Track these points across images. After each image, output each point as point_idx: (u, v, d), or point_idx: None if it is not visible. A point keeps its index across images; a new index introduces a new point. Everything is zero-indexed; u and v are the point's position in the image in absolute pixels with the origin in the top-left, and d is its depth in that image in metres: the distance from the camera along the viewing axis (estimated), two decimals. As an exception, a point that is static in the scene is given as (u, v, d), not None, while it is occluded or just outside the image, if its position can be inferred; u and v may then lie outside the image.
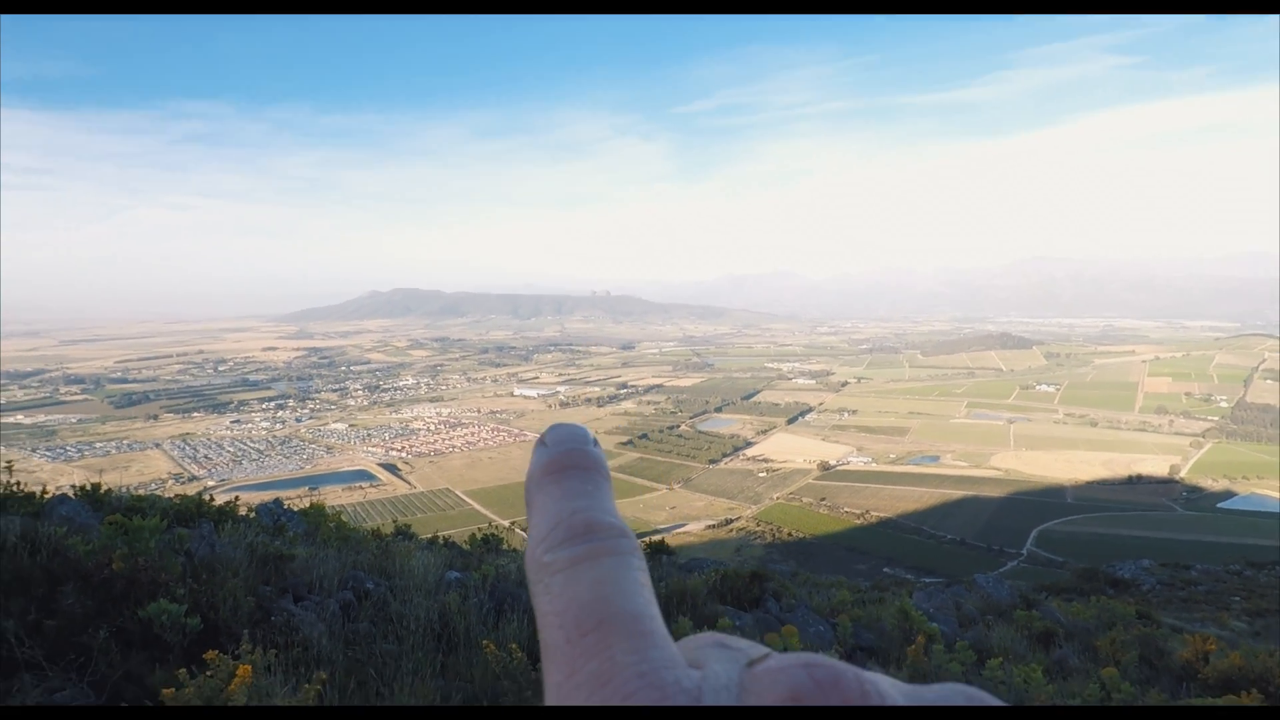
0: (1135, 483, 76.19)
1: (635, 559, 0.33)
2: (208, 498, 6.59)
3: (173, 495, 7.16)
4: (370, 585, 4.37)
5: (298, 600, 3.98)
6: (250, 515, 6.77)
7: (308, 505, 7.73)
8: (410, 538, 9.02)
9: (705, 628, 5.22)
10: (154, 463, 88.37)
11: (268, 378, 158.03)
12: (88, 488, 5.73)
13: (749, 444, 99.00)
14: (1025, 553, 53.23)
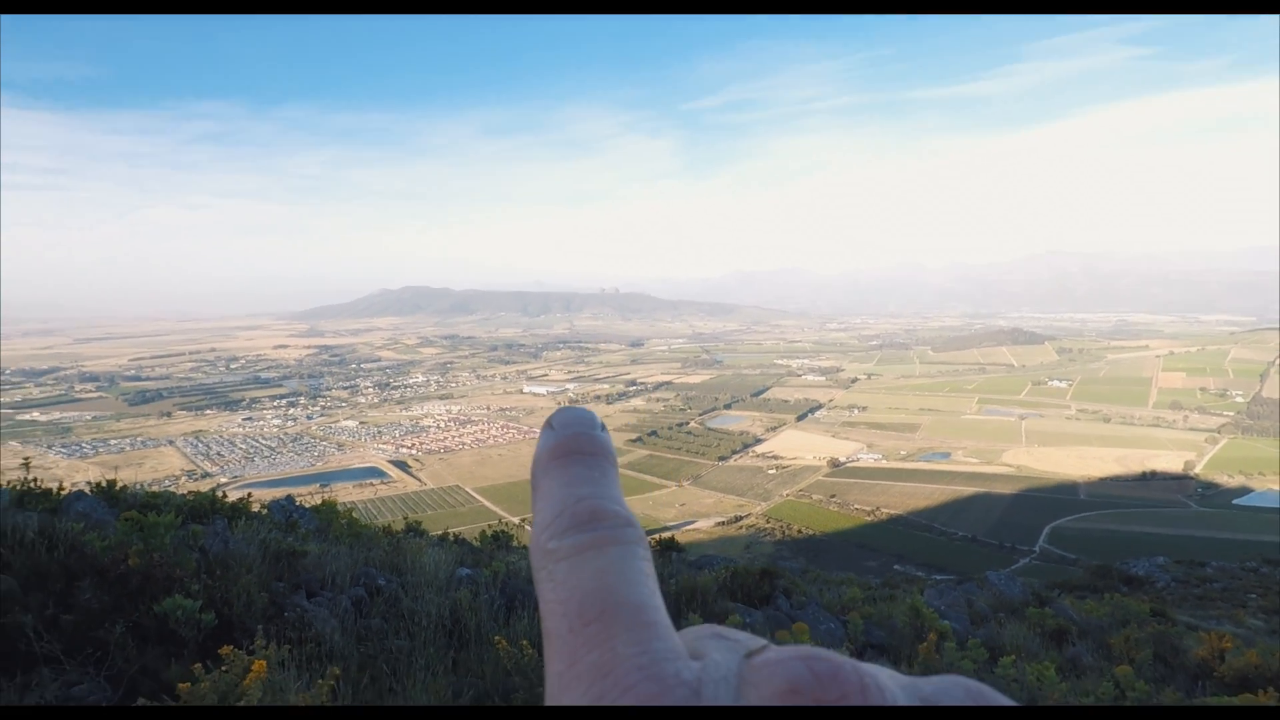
0: (1149, 479, 75.53)
1: (640, 549, 0.32)
2: (221, 494, 6.65)
3: (186, 492, 7.23)
4: (382, 582, 4.40)
5: (310, 596, 4.01)
6: (263, 512, 6.82)
7: (319, 502, 7.77)
8: (421, 534, 9.07)
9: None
10: (167, 459, 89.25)
11: (279, 375, 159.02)
12: (103, 484, 5.79)
13: (758, 441, 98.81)
14: (1037, 550, 52.94)
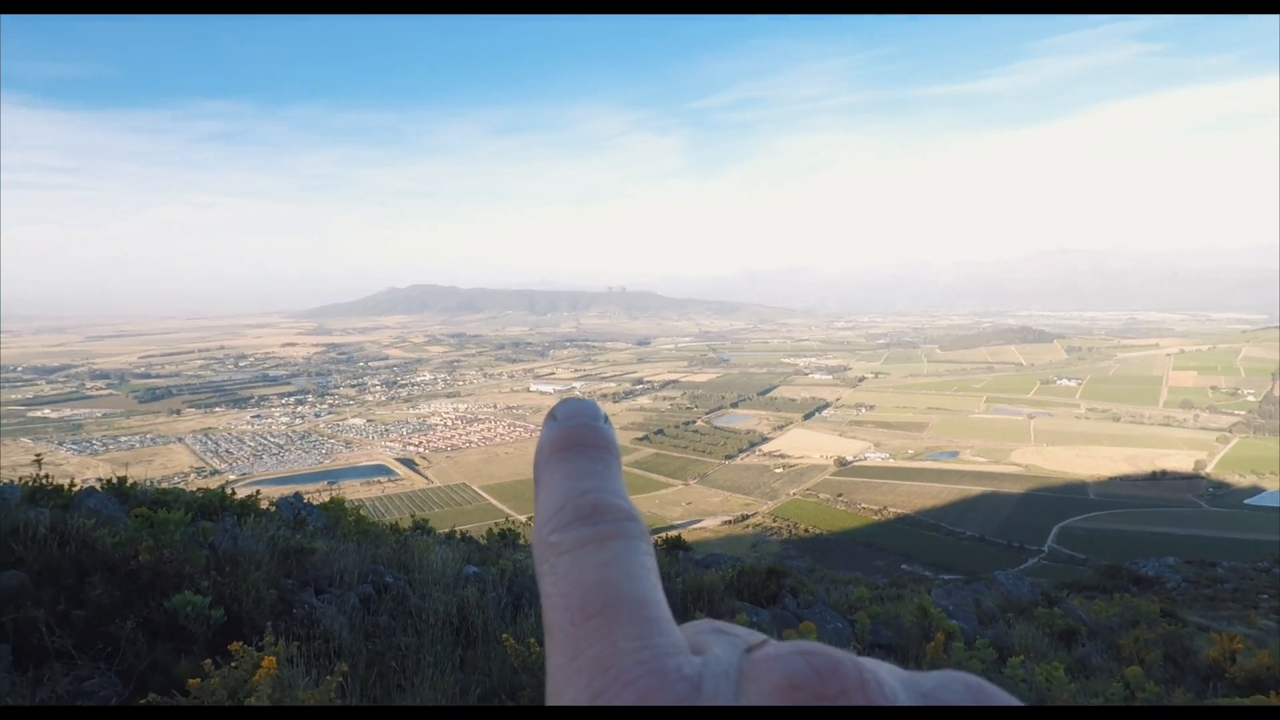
0: (1159, 479, 75.05)
1: (643, 543, 0.32)
2: (230, 491, 6.69)
3: (196, 489, 7.27)
4: (389, 579, 4.41)
5: (319, 593, 4.02)
6: (271, 509, 6.85)
7: (327, 499, 7.81)
8: (428, 532, 9.09)
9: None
10: (177, 456, 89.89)
11: (287, 373, 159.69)
12: (114, 481, 5.83)
13: (765, 439, 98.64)
14: (1046, 550, 52.71)
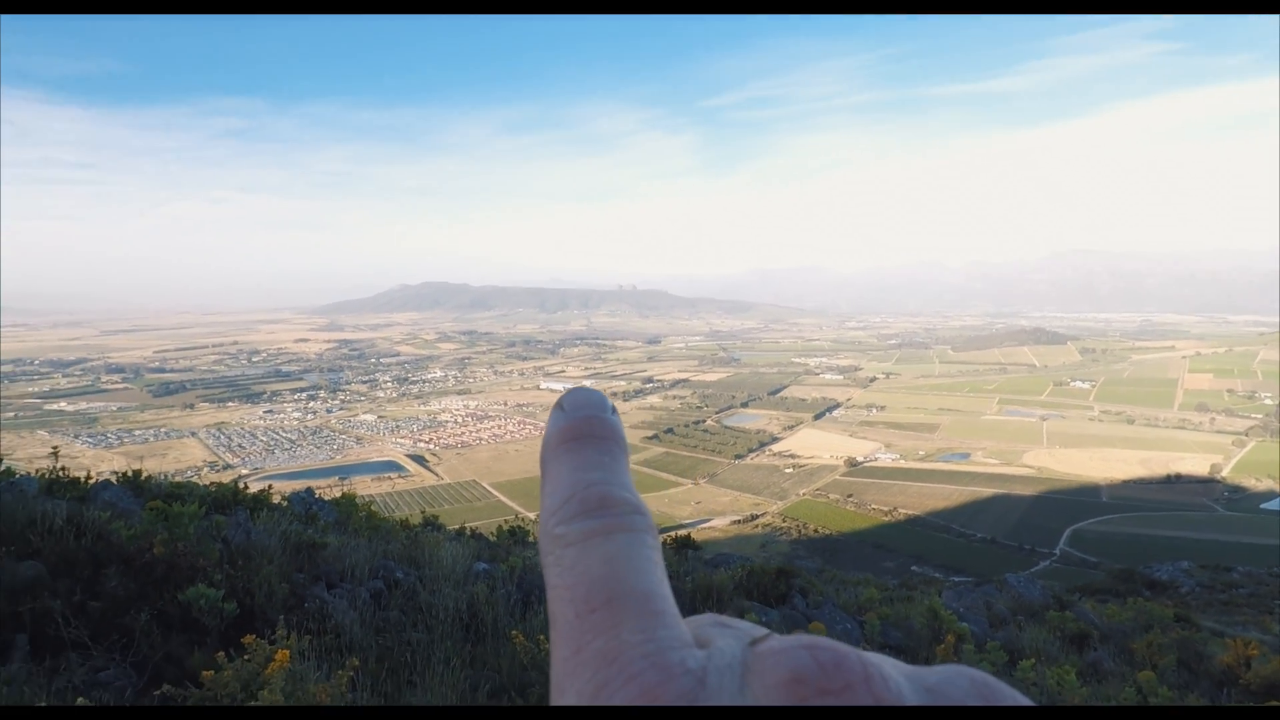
0: (1174, 482, 74.21)
1: (649, 536, 0.32)
2: (242, 486, 6.74)
3: (209, 483, 7.34)
4: (400, 575, 4.44)
5: (330, 588, 4.05)
6: (283, 504, 6.91)
7: (338, 495, 7.86)
8: (438, 529, 9.14)
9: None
10: (190, 450, 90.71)
11: (300, 369, 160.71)
12: (129, 474, 5.89)
13: (775, 439, 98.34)
14: (1058, 553, 52.26)
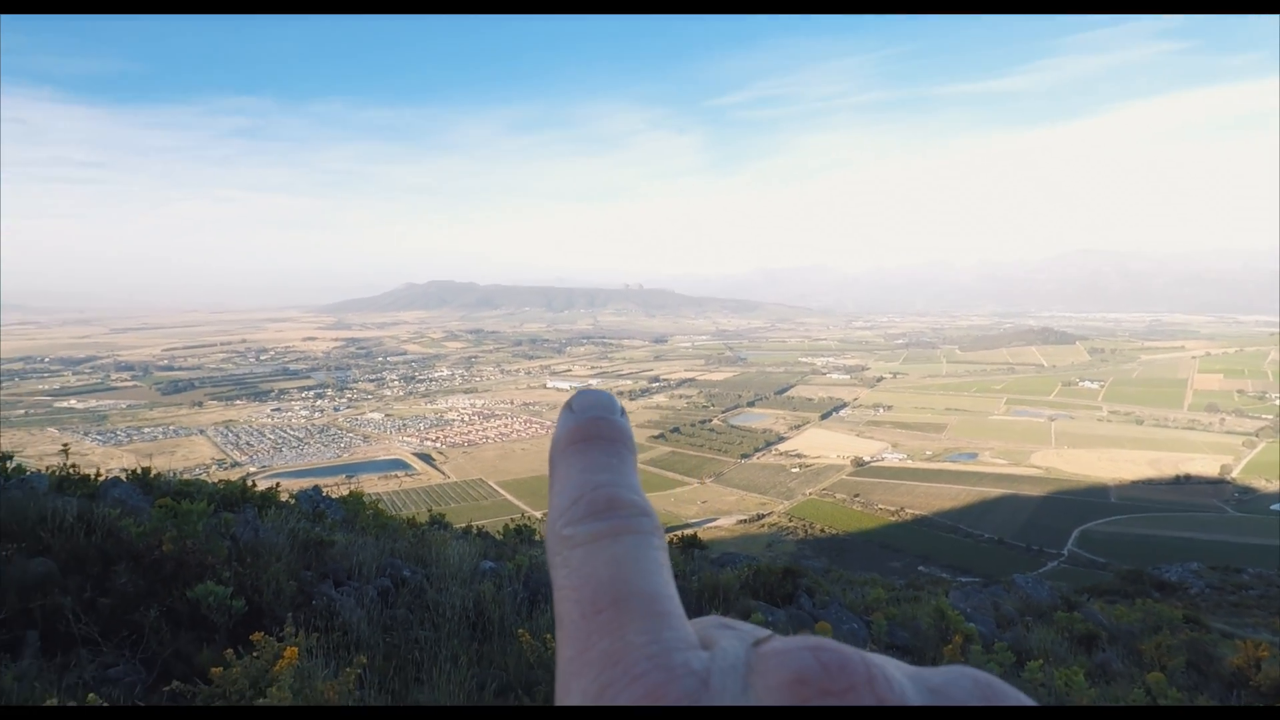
0: (1183, 483, 73.72)
1: (656, 538, 0.33)
2: (250, 483, 6.78)
3: (217, 480, 7.38)
4: (407, 573, 4.45)
5: (337, 585, 4.07)
6: (291, 501, 6.93)
7: (346, 493, 7.88)
8: (445, 527, 9.15)
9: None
10: (198, 448, 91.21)
11: (307, 367, 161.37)
12: (138, 471, 5.92)
13: (782, 439, 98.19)
14: (1066, 553, 52.00)
